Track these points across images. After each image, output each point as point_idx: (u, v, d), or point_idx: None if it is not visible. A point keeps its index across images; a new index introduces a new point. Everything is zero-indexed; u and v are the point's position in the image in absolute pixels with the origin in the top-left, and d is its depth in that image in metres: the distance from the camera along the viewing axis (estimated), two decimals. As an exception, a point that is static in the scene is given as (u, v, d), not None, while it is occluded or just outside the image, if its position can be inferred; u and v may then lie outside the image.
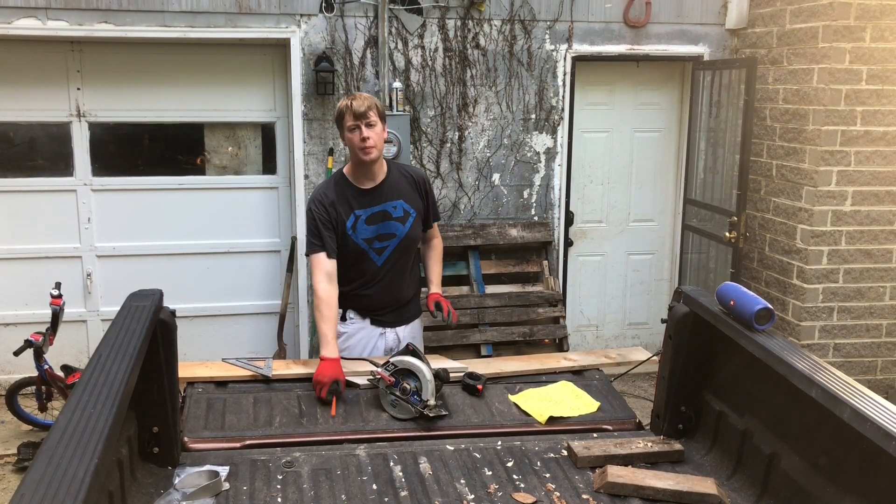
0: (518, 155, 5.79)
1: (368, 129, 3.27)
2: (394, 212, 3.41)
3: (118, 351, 2.17)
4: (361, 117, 3.26)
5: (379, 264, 3.41)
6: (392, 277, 3.45)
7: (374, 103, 3.33)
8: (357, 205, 3.37)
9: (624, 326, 6.43)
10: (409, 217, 3.43)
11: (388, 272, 3.44)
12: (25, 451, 4.49)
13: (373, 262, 3.41)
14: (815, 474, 2.27)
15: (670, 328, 2.85)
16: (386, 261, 3.42)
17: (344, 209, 3.36)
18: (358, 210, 3.37)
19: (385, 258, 3.42)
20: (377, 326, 3.51)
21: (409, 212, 3.43)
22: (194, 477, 2.46)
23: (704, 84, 5.77)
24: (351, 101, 3.30)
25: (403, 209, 3.42)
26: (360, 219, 3.36)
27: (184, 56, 5.43)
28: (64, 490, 1.50)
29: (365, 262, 3.41)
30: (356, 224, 3.36)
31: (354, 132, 3.28)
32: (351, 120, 3.27)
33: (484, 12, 5.53)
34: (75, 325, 5.52)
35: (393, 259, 3.43)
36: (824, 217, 5.14)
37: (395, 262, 3.43)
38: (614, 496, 2.45)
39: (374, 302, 3.47)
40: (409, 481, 2.50)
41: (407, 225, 3.42)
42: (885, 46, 5.00)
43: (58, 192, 5.45)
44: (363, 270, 3.43)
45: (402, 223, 3.41)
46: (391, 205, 3.40)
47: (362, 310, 3.50)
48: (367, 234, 3.37)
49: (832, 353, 5.32)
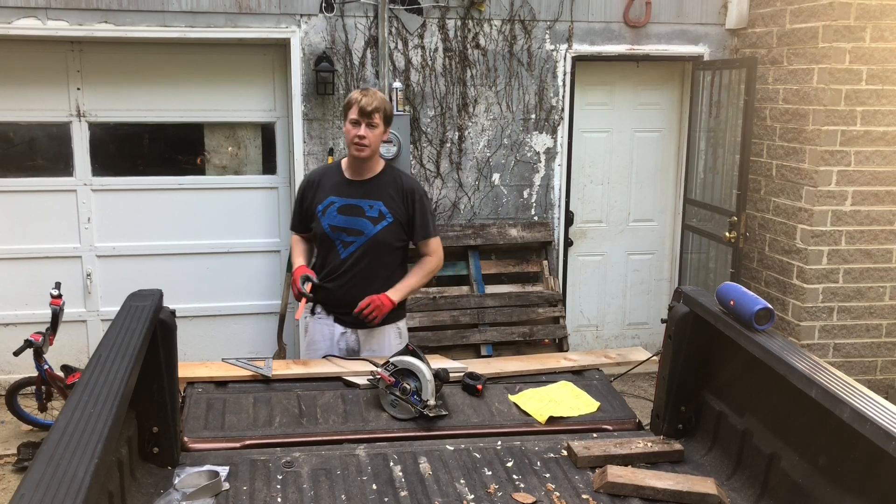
0: (518, 155, 5.79)
1: (368, 129, 3.32)
2: (369, 210, 3.44)
3: (118, 351, 2.17)
4: (366, 116, 3.31)
5: (342, 257, 3.45)
6: (355, 276, 3.46)
7: (384, 106, 3.38)
8: (337, 192, 3.46)
9: (624, 326, 6.43)
10: (384, 220, 3.44)
11: (351, 269, 3.46)
12: (25, 451, 4.49)
13: (337, 253, 3.47)
14: (815, 474, 2.27)
15: (670, 328, 2.85)
16: (350, 256, 3.45)
17: (322, 191, 3.48)
18: (335, 197, 3.46)
19: (350, 253, 3.45)
20: (339, 325, 3.55)
21: (384, 215, 3.44)
22: (194, 477, 2.46)
23: (704, 84, 5.77)
24: (363, 96, 3.35)
25: (380, 210, 3.44)
26: (335, 205, 3.45)
27: (184, 56, 5.43)
28: (64, 490, 1.50)
29: (331, 251, 3.49)
30: (328, 209, 3.45)
31: (355, 126, 3.34)
32: (356, 114, 3.34)
33: (484, 12, 5.53)
34: (75, 325, 5.52)
35: (357, 256, 3.45)
36: (824, 217, 5.14)
37: (359, 260, 3.45)
38: (614, 496, 2.45)
39: (336, 297, 3.50)
40: (409, 481, 2.50)
41: (378, 227, 3.43)
42: (885, 46, 5.00)
43: (58, 192, 5.45)
44: (328, 260, 3.50)
45: (372, 223, 3.43)
46: (368, 203, 3.44)
47: (327, 305, 3.55)
48: (336, 223, 3.44)
49: (832, 353, 5.32)
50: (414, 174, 5.63)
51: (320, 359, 3.47)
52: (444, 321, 5.53)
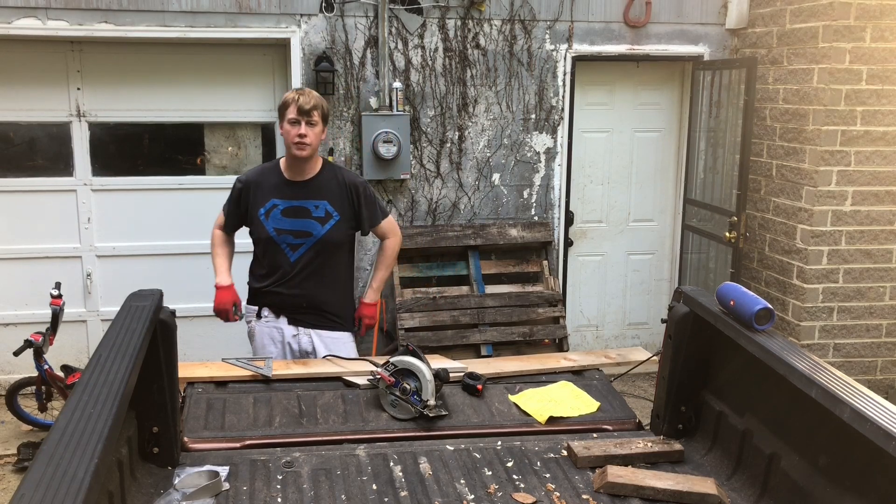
0: (518, 155, 5.79)
1: (308, 128, 3.32)
2: (315, 210, 3.43)
3: (118, 351, 2.17)
4: (305, 114, 3.30)
5: (292, 260, 3.44)
6: (307, 277, 3.46)
7: (321, 104, 3.38)
8: (278, 194, 3.43)
9: (624, 326, 6.43)
10: (331, 219, 3.43)
11: (302, 271, 3.45)
12: (25, 451, 4.49)
13: (286, 257, 3.45)
14: (815, 474, 2.27)
15: (670, 328, 2.85)
16: (300, 258, 3.44)
17: (262, 193, 3.44)
18: (277, 199, 3.42)
19: (299, 255, 3.44)
20: (292, 326, 3.54)
21: (331, 214, 3.43)
22: (194, 477, 2.46)
23: (704, 84, 5.78)
24: (299, 95, 3.34)
25: (326, 210, 3.43)
26: (278, 208, 3.42)
27: (184, 56, 5.43)
28: (64, 490, 1.50)
29: (278, 255, 3.45)
30: (270, 212, 3.42)
31: (294, 126, 3.33)
32: (294, 114, 3.32)
33: (484, 12, 5.53)
34: (75, 325, 5.52)
35: (308, 258, 3.44)
36: (824, 217, 5.14)
37: (310, 261, 3.45)
38: (614, 496, 2.45)
39: (288, 301, 3.48)
40: (409, 481, 2.49)
41: (326, 226, 3.43)
42: (885, 46, 5.00)
43: (58, 192, 5.45)
44: (277, 265, 3.46)
45: (320, 223, 3.42)
46: (313, 203, 3.43)
47: (277, 308, 3.53)
48: (281, 226, 3.41)
49: (832, 353, 5.32)
50: (414, 174, 5.64)
51: (320, 359, 3.47)
52: (444, 321, 5.53)
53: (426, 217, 5.75)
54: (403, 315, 5.47)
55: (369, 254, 5.70)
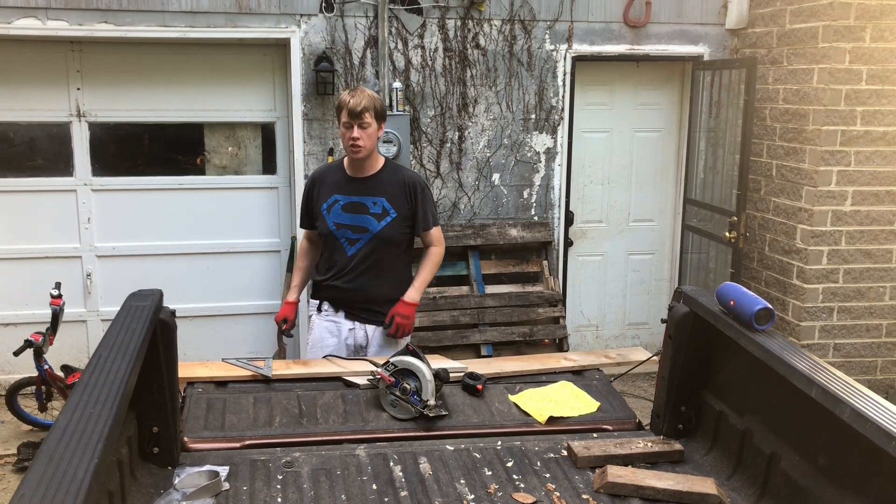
0: (518, 155, 5.79)
1: (360, 130, 3.33)
2: (372, 207, 3.46)
3: (118, 351, 2.17)
4: (356, 117, 3.31)
5: (349, 255, 3.47)
6: (363, 272, 3.49)
7: (373, 104, 3.37)
8: (340, 190, 3.48)
9: (624, 326, 6.43)
10: (388, 216, 3.46)
11: (358, 265, 3.48)
12: (25, 451, 4.49)
13: (344, 251, 3.48)
14: (815, 474, 2.27)
15: (670, 328, 2.85)
16: (357, 253, 3.47)
17: (326, 189, 3.49)
18: (338, 195, 3.48)
19: (356, 250, 3.47)
20: (349, 321, 3.57)
21: (388, 210, 3.46)
22: (194, 477, 2.46)
23: (704, 84, 5.77)
24: (351, 97, 3.35)
25: (383, 207, 3.46)
26: (339, 203, 3.47)
27: (184, 56, 5.43)
28: (64, 490, 1.50)
29: (337, 250, 3.50)
30: (332, 207, 3.47)
31: (348, 130, 3.35)
32: (346, 117, 3.36)
33: (484, 12, 5.53)
34: (75, 325, 5.52)
35: (364, 253, 3.47)
36: (824, 217, 5.14)
37: (366, 256, 3.48)
38: (614, 496, 2.45)
39: (345, 295, 3.51)
40: (409, 481, 2.49)
41: (382, 223, 3.46)
42: (885, 46, 5.00)
43: (58, 192, 5.45)
44: (335, 259, 3.51)
45: (377, 220, 3.46)
46: (371, 199, 3.46)
47: (335, 302, 3.57)
48: (341, 220, 3.45)
49: (832, 353, 5.32)
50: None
51: (320, 359, 3.47)
52: (444, 321, 5.53)
53: (426, 217, 5.74)
54: (403, 315, 5.47)
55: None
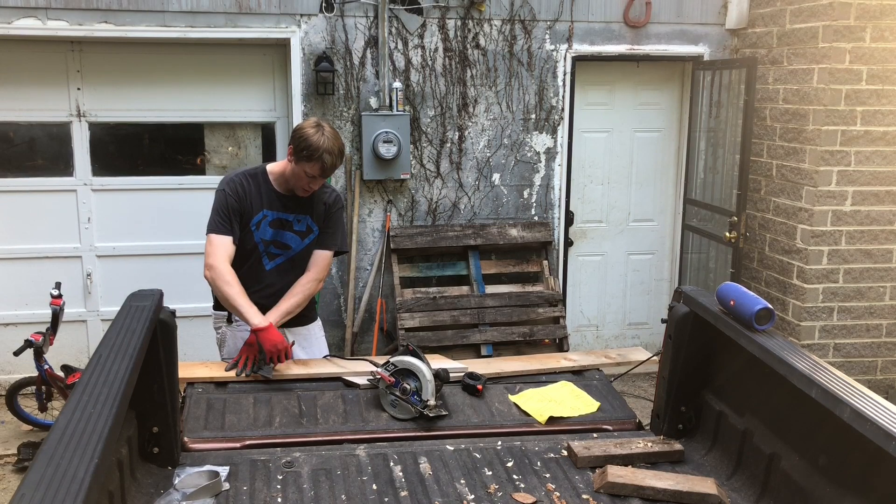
0: (518, 155, 5.79)
1: (319, 181, 3.27)
2: (297, 224, 3.40)
3: (118, 351, 2.17)
4: (325, 173, 3.22)
5: (267, 268, 3.41)
6: (278, 284, 3.42)
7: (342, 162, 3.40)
8: (269, 205, 3.37)
9: (624, 326, 6.43)
10: (311, 234, 3.43)
11: (274, 279, 3.42)
12: (25, 451, 4.49)
13: (262, 264, 3.40)
14: (815, 474, 2.27)
15: (670, 328, 2.85)
16: (275, 268, 3.42)
17: (256, 204, 3.35)
18: (267, 210, 3.37)
19: (275, 265, 3.42)
20: None
21: (311, 228, 3.42)
22: (194, 477, 2.46)
23: (704, 84, 5.78)
24: (329, 156, 3.18)
25: (307, 225, 3.42)
26: (267, 219, 3.37)
27: (184, 56, 5.43)
28: (64, 490, 1.50)
29: (255, 263, 3.40)
30: (261, 222, 3.37)
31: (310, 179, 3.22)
32: (315, 171, 3.19)
33: (484, 12, 5.53)
34: (75, 325, 5.52)
35: (283, 269, 3.43)
36: (824, 217, 5.14)
37: (284, 272, 3.42)
38: (614, 496, 2.45)
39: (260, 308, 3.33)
40: (409, 481, 2.49)
41: (305, 241, 3.42)
42: (885, 46, 5.00)
43: (58, 192, 5.45)
44: (252, 272, 3.39)
45: (301, 237, 3.42)
46: (296, 217, 3.40)
47: None
48: (266, 236, 3.37)
49: (832, 353, 5.32)
50: (414, 174, 5.64)
51: (320, 359, 3.47)
52: (444, 321, 5.53)
53: (426, 217, 5.75)
54: (403, 315, 5.48)
55: (369, 253, 5.70)
